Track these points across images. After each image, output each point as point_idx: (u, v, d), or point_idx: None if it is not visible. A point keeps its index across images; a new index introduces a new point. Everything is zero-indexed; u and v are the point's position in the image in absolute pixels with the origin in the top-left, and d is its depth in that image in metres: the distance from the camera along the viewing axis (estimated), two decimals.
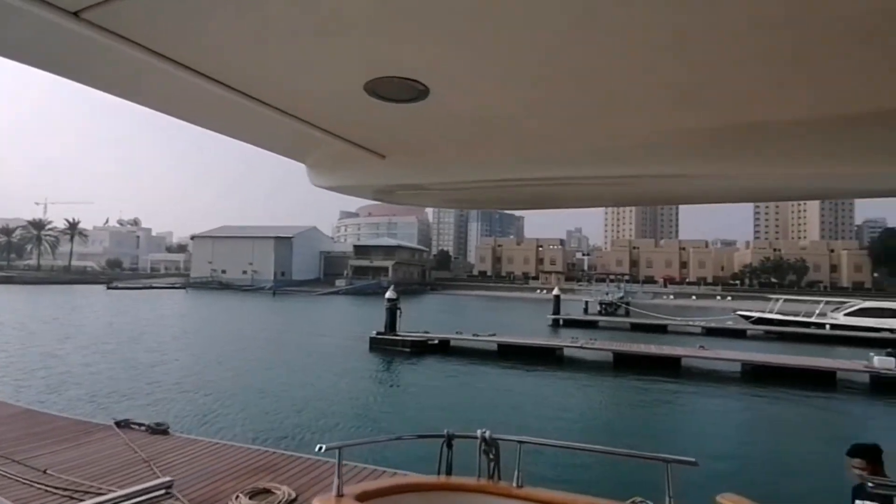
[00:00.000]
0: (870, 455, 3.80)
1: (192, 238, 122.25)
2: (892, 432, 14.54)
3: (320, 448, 3.84)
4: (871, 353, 20.47)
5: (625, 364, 22.16)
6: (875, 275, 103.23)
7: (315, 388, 17.17)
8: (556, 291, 45.09)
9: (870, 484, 3.06)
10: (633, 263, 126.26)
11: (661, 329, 38.52)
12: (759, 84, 1.30)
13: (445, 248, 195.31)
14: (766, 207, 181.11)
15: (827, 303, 41.13)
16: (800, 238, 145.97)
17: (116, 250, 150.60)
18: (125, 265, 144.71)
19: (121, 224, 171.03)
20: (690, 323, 39.50)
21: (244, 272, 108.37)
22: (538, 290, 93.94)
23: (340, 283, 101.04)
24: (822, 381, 19.73)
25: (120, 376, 18.38)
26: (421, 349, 24.31)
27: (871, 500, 3.43)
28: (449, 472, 3.99)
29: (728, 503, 3.33)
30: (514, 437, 3.94)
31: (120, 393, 15.84)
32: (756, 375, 20.54)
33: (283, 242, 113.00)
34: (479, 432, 3.91)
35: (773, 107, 1.39)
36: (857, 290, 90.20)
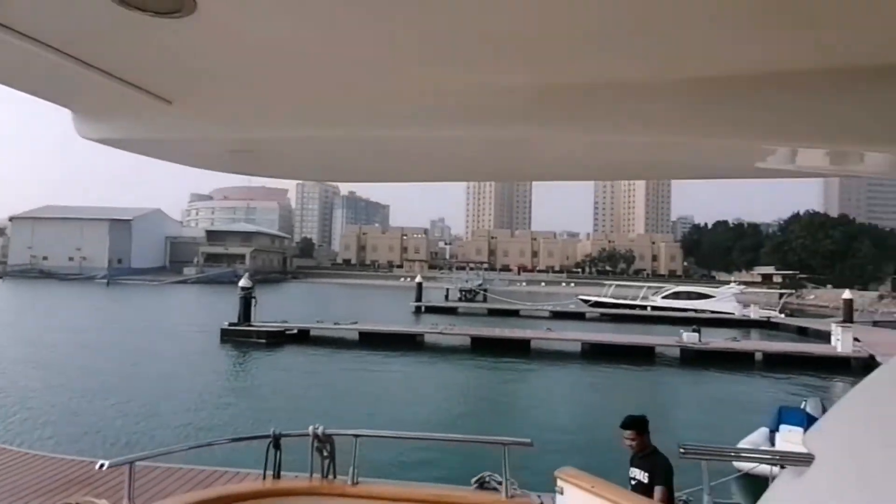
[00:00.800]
0: (638, 426, 4.11)
1: (11, 220, 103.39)
2: (695, 395, 17.24)
3: (102, 465, 3.22)
4: (681, 331, 24.04)
5: (481, 347, 23.39)
6: (685, 264, 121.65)
7: (151, 386, 15.55)
8: (418, 279, 46.05)
9: (681, 450, 3.42)
10: (491, 252, 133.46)
11: (515, 314, 41.35)
12: (595, 43, 1.17)
13: (309, 236, 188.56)
14: (603, 201, 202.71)
15: (648, 288, 47.49)
16: (629, 231, 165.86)
17: None
18: None
19: None
20: (539, 307, 42.92)
21: (71, 259, 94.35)
22: (402, 279, 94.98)
23: (190, 271, 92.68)
24: (644, 355, 22.72)
25: None
26: (278, 340, 23.27)
27: (638, 468, 3.92)
28: (278, 476, 3.63)
29: (566, 476, 3.56)
30: (350, 431, 3.70)
31: None
32: (593, 353, 22.98)
33: (119, 226, 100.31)
34: (310, 428, 3.62)
35: (610, 68, 1.25)
36: (672, 276, 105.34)
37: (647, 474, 3.81)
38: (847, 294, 38.06)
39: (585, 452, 10.47)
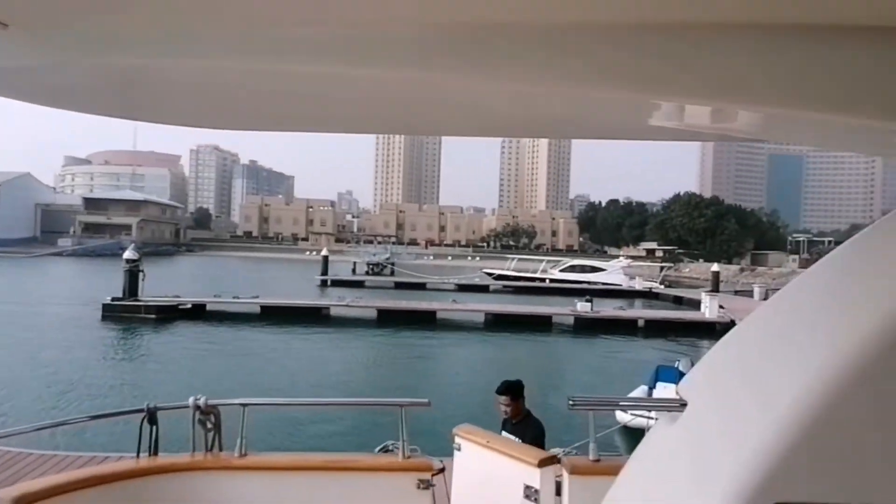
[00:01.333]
0: (513, 391, 4.06)
1: None
2: (586, 358, 18.60)
3: None
4: (576, 301, 25.72)
5: (388, 319, 23.48)
6: (581, 239, 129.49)
7: (17, 367, 13.97)
8: (324, 252, 44.98)
9: (570, 402, 3.39)
10: (399, 226, 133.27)
11: (422, 286, 41.84)
12: None
13: (205, 206, 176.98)
14: (508, 178, 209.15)
15: (547, 262, 50.02)
16: (531, 207, 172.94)
17: None
18: None
19: None
20: (446, 280, 43.77)
21: None
22: (308, 252, 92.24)
23: (65, 242, 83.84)
24: (542, 324, 24.07)
25: None
26: (170, 315, 21.75)
27: (511, 433, 3.92)
28: (155, 454, 3.30)
29: (463, 434, 3.62)
30: (236, 400, 3.43)
31: None
32: (496, 323, 23.97)
33: None
34: (190, 400, 3.34)
35: (492, 8, 1.10)
36: (569, 251, 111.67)
37: (519, 440, 3.81)
38: (715, 267, 42.63)
39: (487, 415, 10.99)
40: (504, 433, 3.90)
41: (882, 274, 0.99)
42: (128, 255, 22.87)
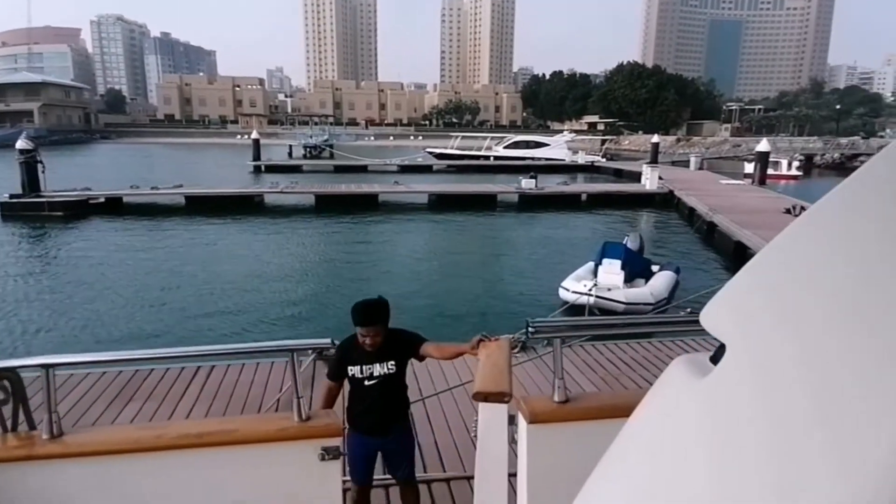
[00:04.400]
0: (383, 317, 2.84)
1: None
2: (532, 235, 18.50)
3: None
4: (520, 178, 25.29)
5: (327, 205, 22.39)
6: (525, 114, 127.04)
7: None
8: (255, 135, 41.71)
9: (531, 329, 2.45)
10: (337, 105, 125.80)
11: (363, 169, 40.16)
12: None
13: (117, 87, 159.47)
14: (450, 51, 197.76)
15: (491, 138, 48.77)
16: (474, 82, 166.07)
17: None
18: None
19: None
20: (387, 162, 42.10)
21: None
22: (239, 136, 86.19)
23: None
24: (487, 202, 23.70)
25: None
26: (80, 211, 19.65)
27: (377, 362, 2.86)
28: None
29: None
30: (35, 360, 2.23)
31: None
32: (440, 203, 23.37)
33: None
34: None
35: None
36: (513, 127, 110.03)
37: (394, 362, 2.87)
38: (655, 138, 42.72)
39: (438, 308, 10.66)
40: (367, 367, 2.85)
41: None
42: (20, 144, 20.00)
